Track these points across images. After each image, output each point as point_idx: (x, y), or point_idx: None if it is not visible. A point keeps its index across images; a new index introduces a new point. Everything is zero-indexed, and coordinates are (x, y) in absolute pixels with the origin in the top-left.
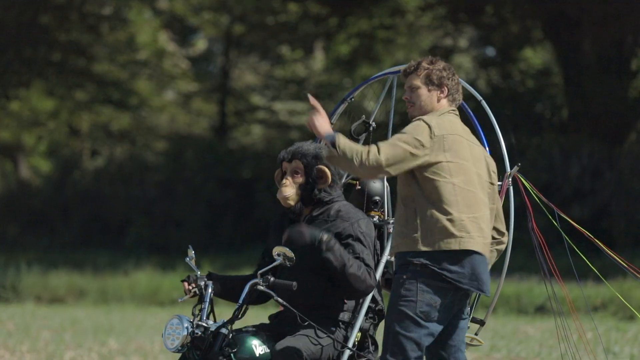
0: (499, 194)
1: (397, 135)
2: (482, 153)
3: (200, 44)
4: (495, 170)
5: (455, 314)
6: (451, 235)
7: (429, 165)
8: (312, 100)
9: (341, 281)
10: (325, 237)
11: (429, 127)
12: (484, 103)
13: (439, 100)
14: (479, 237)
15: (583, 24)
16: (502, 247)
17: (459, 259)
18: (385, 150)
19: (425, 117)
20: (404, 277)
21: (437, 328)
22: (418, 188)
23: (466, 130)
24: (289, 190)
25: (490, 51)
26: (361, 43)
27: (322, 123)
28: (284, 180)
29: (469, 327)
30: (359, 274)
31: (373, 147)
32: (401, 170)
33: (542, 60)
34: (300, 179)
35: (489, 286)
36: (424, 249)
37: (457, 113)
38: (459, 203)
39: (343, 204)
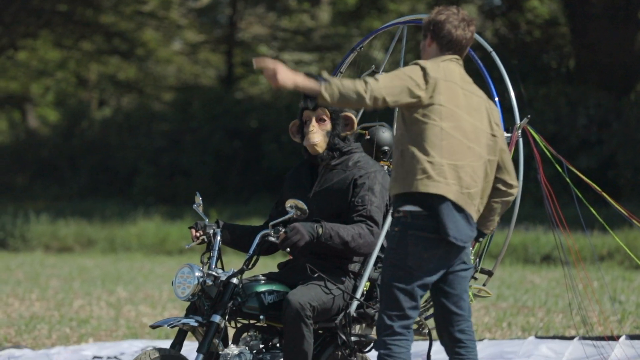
0: (509, 145)
1: (394, 71)
2: (482, 104)
3: None
4: (499, 122)
5: (454, 263)
6: (430, 177)
7: (421, 106)
8: (261, 62)
9: (346, 252)
10: (320, 230)
11: (424, 70)
12: (494, 54)
13: (428, 47)
14: (454, 185)
15: None
16: (510, 199)
17: (433, 203)
18: (384, 81)
19: (421, 61)
20: (395, 229)
21: (430, 278)
22: (406, 129)
23: (466, 79)
24: (318, 136)
25: (497, 1)
26: None
27: (291, 73)
28: (312, 127)
29: (477, 279)
30: (361, 242)
31: (370, 79)
32: (398, 102)
33: (549, 10)
34: (327, 126)
35: (463, 235)
36: (401, 190)
37: (461, 63)
38: (443, 148)
39: (362, 155)
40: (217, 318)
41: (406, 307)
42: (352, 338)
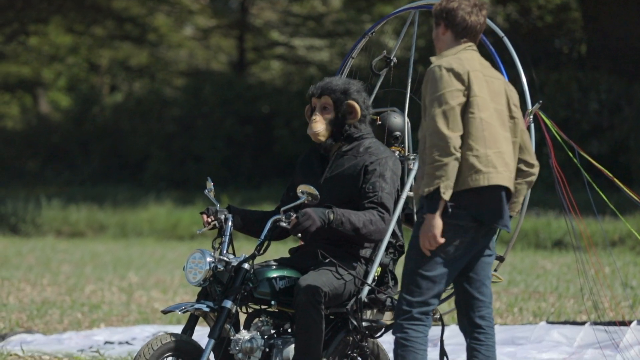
0: None
1: (435, 100)
2: (502, 86)
3: None
4: (517, 103)
5: (480, 249)
6: (479, 171)
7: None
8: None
9: (357, 238)
10: (332, 216)
11: (450, 71)
12: (506, 40)
13: (442, 35)
14: (505, 172)
15: None
16: (532, 178)
17: (485, 195)
18: (443, 119)
19: (443, 63)
20: (424, 216)
21: (457, 266)
22: None
23: (485, 64)
24: (319, 126)
25: None
26: None
27: (429, 226)
28: (314, 117)
29: None
30: (372, 229)
31: (433, 137)
32: (461, 122)
33: None
34: (329, 115)
35: (509, 221)
36: (454, 189)
37: (475, 48)
38: (486, 138)
39: (373, 141)
40: (228, 303)
41: (428, 295)
42: (363, 323)
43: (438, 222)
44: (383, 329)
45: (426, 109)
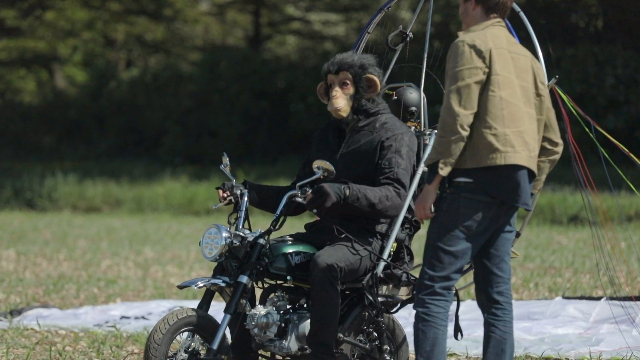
0: None
1: (452, 76)
2: (528, 63)
3: None
4: (544, 81)
5: (502, 225)
6: (496, 150)
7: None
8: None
9: (373, 214)
10: (348, 192)
11: (472, 47)
12: (522, 14)
13: (472, 11)
14: (523, 151)
15: None
16: (556, 157)
17: (503, 174)
18: (457, 96)
19: (467, 38)
20: (447, 191)
21: (479, 241)
22: None
23: (512, 41)
24: (341, 101)
25: None
26: None
27: (424, 196)
28: (334, 92)
29: None
30: (388, 205)
31: (445, 112)
32: (477, 100)
33: None
34: (350, 90)
35: (530, 199)
36: (470, 166)
37: (503, 24)
38: (504, 117)
39: (389, 116)
40: (244, 279)
41: (450, 269)
42: (379, 299)
43: (432, 194)
44: (399, 304)
45: None
